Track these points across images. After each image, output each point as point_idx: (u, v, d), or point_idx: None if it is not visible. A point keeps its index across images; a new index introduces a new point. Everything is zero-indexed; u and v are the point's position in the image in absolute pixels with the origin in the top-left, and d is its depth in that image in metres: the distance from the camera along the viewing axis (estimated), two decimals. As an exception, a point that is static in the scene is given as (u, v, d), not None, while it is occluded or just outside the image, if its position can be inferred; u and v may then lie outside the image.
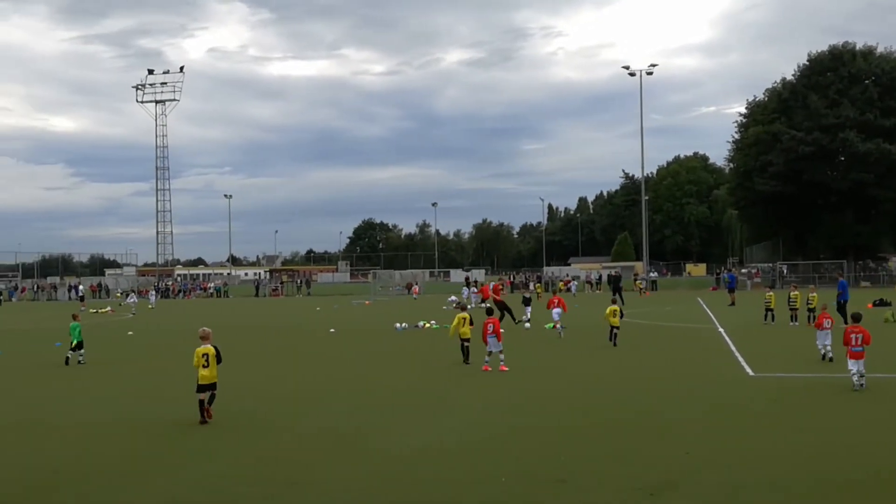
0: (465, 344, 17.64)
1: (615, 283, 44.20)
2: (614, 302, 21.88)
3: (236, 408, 12.73)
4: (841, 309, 24.88)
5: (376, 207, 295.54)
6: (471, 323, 17.85)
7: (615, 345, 20.39)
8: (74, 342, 19.26)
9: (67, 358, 19.27)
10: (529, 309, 29.05)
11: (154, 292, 61.49)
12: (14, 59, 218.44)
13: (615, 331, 20.71)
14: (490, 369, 16.22)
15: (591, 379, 15.54)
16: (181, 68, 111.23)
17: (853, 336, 13.21)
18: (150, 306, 51.44)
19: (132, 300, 47.74)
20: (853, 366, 13.12)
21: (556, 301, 25.31)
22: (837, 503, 7.42)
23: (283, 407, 13.02)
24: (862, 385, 13.09)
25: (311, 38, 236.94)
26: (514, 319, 28.16)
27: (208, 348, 11.68)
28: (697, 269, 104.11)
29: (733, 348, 19.29)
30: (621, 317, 21.67)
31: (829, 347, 16.34)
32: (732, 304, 38.84)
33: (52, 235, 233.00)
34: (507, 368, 16.11)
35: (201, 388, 11.56)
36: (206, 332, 12.04)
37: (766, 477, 8.11)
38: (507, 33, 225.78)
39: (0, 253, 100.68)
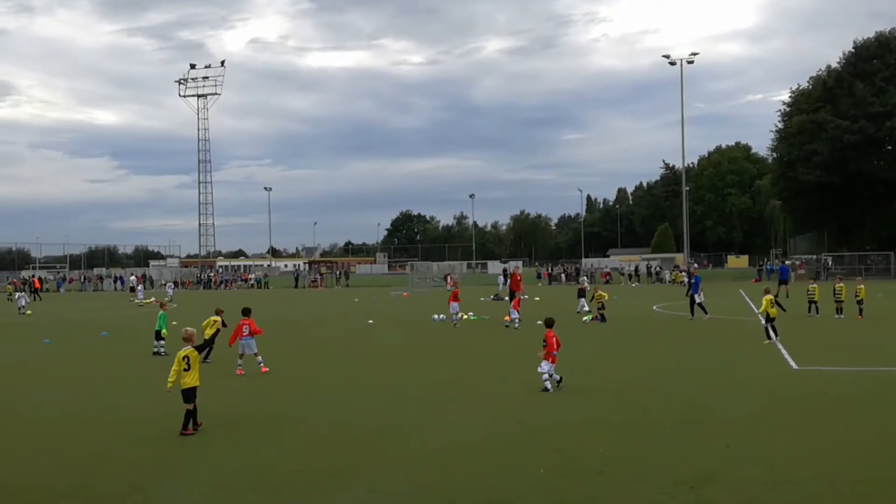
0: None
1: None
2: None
3: (275, 398, 12.93)
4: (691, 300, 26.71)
5: (414, 199, 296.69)
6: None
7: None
8: (162, 331, 19.20)
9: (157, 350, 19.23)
10: (583, 301, 30.59)
11: (172, 285, 62.09)
12: (58, 52, 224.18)
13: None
14: (244, 373, 15.39)
15: (631, 372, 15.43)
16: (222, 62, 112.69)
17: (555, 339, 13.09)
18: (166, 298, 52.25)
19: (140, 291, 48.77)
20: (551, 368, 12.94)
21: (455, 294, 27.24)
22: (883, 502, 7.29)
23: (322, 398, 13.17)
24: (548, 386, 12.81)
25: (350, 29, 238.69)
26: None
27: (189, 350, 10.55)
28: (739, 261, 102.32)
29: (776, 341, 19.00)
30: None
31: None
32: (786, 296, 37.74)
33: (98, 227, 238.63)
34: (267, 369, 15.47)
35: (188, 396, 10.33)
36: (190, 332, 10.97)
37: (808, 473, 8.01)
38: (549, 20, 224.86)
39: (49, 245, 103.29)
